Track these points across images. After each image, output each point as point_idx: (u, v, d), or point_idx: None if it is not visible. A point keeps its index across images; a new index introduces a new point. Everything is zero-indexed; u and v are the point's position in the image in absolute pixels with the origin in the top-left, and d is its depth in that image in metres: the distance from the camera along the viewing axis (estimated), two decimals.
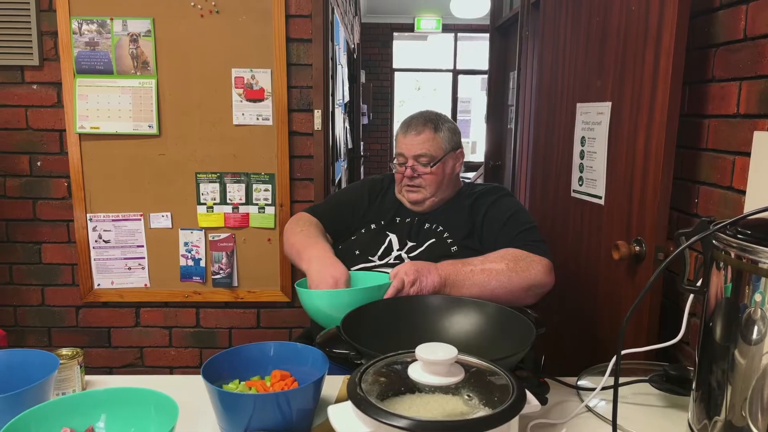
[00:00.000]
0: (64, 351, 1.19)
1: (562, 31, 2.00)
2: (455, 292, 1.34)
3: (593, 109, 1.75)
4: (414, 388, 0.82)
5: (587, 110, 1.79)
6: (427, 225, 1.61)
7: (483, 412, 0.76)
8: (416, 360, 0.83)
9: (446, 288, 1.34)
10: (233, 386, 1.08)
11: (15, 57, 2.26)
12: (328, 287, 1.33)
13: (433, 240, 1.56)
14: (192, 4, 2.23)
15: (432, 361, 0.78)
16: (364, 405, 0.75)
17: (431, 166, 1.60)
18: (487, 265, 1.39)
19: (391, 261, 1.55)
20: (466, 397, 0.78)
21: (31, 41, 2.24)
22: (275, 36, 2.25)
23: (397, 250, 1.56)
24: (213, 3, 2.23)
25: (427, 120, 1.63)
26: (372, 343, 1.05)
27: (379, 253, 1.57)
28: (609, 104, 1.66)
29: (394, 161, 1.66)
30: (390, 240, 1.59)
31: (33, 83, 2.30)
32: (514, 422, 0.75)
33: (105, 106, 2.27)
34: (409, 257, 1.54)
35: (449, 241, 1.55)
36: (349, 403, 0.78)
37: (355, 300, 1.24)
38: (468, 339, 1.17)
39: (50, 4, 2.24)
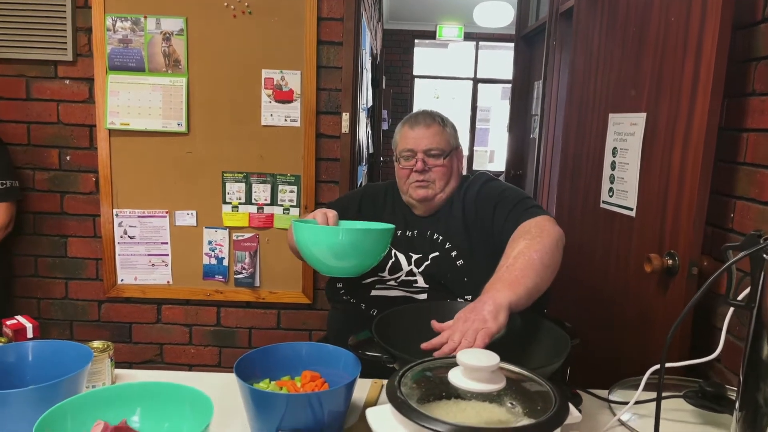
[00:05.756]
0: (96, 344, 1.20)
1: (596, 41, 1.98)
2: (519, 290, 1.16)
3: (626, 119, 1.73)
4: (451, 393, 0.82)
5: (620, 120, 1.77)
6: (429, 232, 1.55)
7: (525, 420, 0.75)
8: (455, 365, 0.82)
9: (501, 292, 1.14)
10: (264, 385, 1.08)
11: (49, 52, 2.29)
12: (318, 216, 1.37)
13: (437, 254, 1.50)
14: (225, 4, 2.25)
15: (475, 368, 0.77)
16: (405, 409, 0.74)
17: (443, 158, 1.55)
18: (513, 252, 1.27)
19: (403, 278, 1.51)
20: (509, 405, 0.77)
21: (65, 37, 2.27)
22: (306, 38, 2.26)
23: (407, 266, 1.52)
24: (246, 4, 2.25)
25: (434, 115, 1.60)
26: (403, 348, 1.04)
27: (387, 269, 1.53)
28: (644, 115, 1.64)
29: (399, 159, 1.59)
30: (397, 256, 1.55)
31: (66, 78, 2.32)
32: None
33: (135, 103, 2.29)
34: (419, 271, 1.50)
35: (453, 254, 1.50)
36: (388, 405, 0.78)
37: (345, 238, 1.29)
38: (500, 347, 1.16)
39: (86, 1, 2.27)
